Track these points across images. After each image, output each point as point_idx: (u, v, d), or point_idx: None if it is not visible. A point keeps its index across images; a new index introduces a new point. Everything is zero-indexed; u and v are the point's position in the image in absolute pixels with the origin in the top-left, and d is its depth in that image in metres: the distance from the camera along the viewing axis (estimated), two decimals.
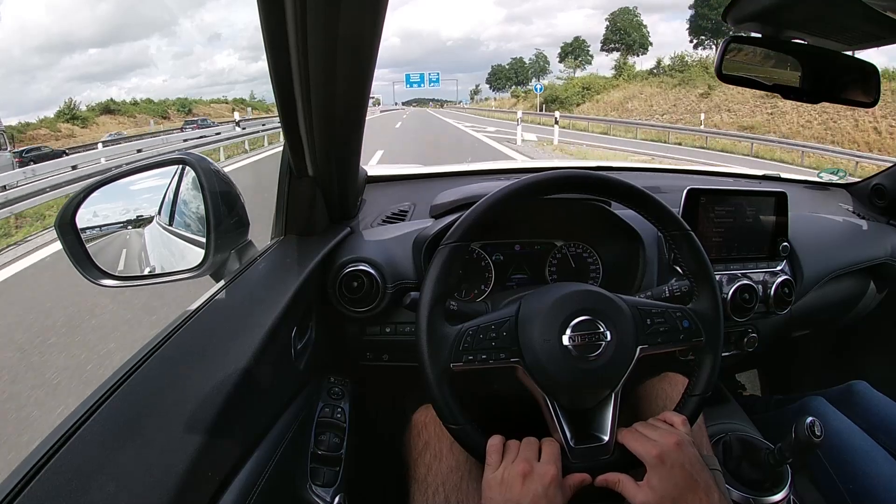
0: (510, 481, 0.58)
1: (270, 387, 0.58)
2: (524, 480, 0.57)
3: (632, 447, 0.60)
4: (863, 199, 1.32)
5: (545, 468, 0.58)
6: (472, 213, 0.64)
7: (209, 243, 0.66)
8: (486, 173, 1.25)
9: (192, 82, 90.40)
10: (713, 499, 0.55)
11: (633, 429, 0.63)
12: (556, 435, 0.62)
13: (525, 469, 0.57)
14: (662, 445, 0.58)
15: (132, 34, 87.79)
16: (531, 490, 0.56)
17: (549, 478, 0.57)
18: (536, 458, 0.60)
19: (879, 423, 0.89)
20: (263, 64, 0.56)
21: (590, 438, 0.62)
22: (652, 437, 0.60)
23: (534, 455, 0.60)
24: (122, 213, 0.72)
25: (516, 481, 0.57)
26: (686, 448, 0.58)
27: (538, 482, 0.57)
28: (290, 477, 0.61)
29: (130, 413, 0.44)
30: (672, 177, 1.36)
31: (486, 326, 0.62)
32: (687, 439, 0.60)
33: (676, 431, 0.60)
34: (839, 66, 0.79)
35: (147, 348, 0.51)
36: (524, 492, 0.56)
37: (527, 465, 0.58)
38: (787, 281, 0.95)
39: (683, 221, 0.68)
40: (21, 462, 0.38)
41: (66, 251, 0.64)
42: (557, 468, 0.59)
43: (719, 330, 0.66)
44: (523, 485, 0.57)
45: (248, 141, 12.70)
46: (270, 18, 0.49)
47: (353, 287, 0.77)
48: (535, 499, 0.56)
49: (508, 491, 0.57)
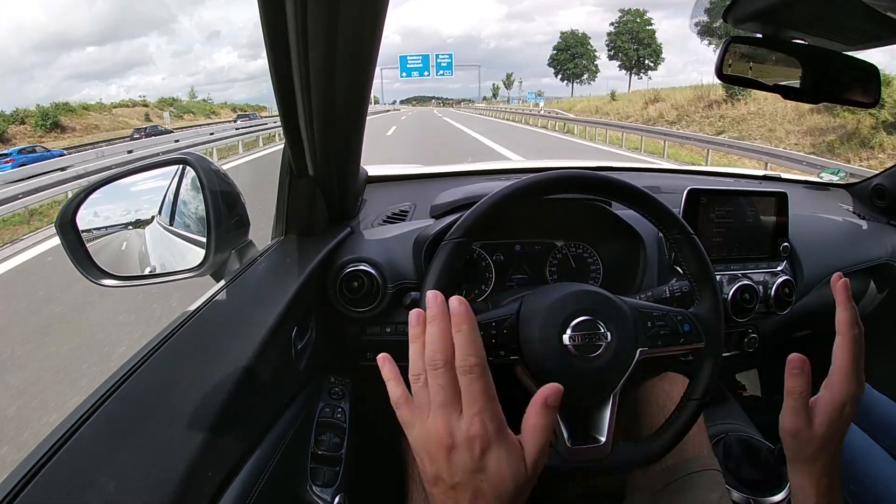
0: (434, 454, 0.41)
1: (271, 387, 0.58)
2: (449, 453, 0.41)
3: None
4: (863, 200, 1.32)
5: (469, 426, 0.40)
6: (476, 210, 0.64)
7: (209, 243, 0.66)
8: (487, 173, 1.25)
9: (190, 80, 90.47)
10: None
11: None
12: (554, 436, 0.62)
13: (445, 437, 0.41)
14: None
15: (130, 32, 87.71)
16: (458, 465, 0.40)
17: (479, 444, 0.40)
18: (457, 406, 0.41)
19: (880, 423, 0.89)
20: (263, 62, 0.56)
21: (587, 439, 0.62)
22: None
23: (452, 401, 0.41)
24: (122, 213, 0.73)
25: (440, 454, 0.41)
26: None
27: (465, 450, 0.40)
28: (290, 477, 0.61)
29: (130, 413, 0.44)
30: (672, 177, 1.36)
31: (486, 324, 0.61)
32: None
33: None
34: (840, 67, 0.79)
35: (147, 348, 0.51)
36: (453, 470, 0.41)
37: (444, 429, 0.41)
38: (787, 281, 0.95)
39: (686, 224, 0.68)
40: (21, 462, 0.38)
41: (66, 251, 0.64)
42: (489, 419, 0.40)
43: (720, 334, 0.66)
44: (448, 459, 0.41)
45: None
46: (270, 17, 0.49)
47: (353, 287, 0.77)
48: (465, 477, 0.40)
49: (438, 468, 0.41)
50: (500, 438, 0.41)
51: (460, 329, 0.42)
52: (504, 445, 0.41)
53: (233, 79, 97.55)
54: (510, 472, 0.41)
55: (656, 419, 0.79)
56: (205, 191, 0.66)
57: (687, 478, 0.72)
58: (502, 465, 0.40)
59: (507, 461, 0.41)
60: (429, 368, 0.43)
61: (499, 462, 0.40)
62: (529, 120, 23.05)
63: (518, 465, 0.41)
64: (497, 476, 0.40)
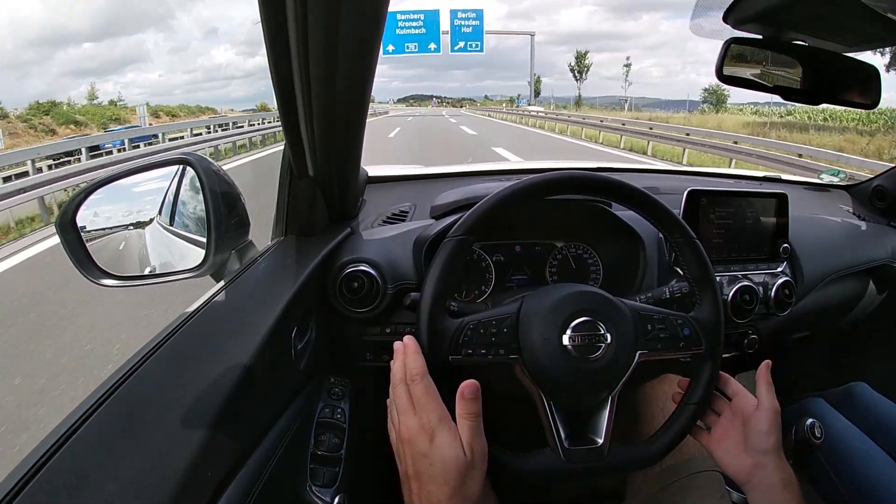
0: (402, 451, 0.52)
1: (270, 387, 0.58)
2: (409, 446, 0.51)
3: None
4: (863, 201, 1.32)
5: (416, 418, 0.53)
6: (480, 208, 0.64)
7: (209, 243, 0.66)
8: (487, 174, 1.25)
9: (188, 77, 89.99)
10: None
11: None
12: (550, 436, 0.62)
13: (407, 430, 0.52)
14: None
15: (127, 28, 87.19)
16: (414, 453, 0.51)
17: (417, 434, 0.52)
18: (409, 403, 0.54)
19: (879, 424, 0.89)
20: (261, 59, 0.56)
21: (584, 440, 0.62)
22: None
23: (404, 400, 0.54)
24: (122, 213, 0.73)
25: (404, 449, 0.52)
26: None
27: (417, 440, 0.51)
28: (289, 477, 0.61)
29: (130, 413, 0.44)
30: (672, 178, 1.36)
31: (486, 321, 0.62)
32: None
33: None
34: (840, 68, 0.79)
35: (147, 348, 0.51)
36: (412, 460, 0.51)
37: (404, 427, 0.52)
38: (787, 282, 0.95)
39: (688, 228, 0.68)
40: (20, 462, 0.38)
41: (66, 250, 0.64)
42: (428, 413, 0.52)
43: (719, 340, 0.66)
44: (409, 451, 0.52)
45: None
46: (271, 17, 0.49)
47: (353, 287, 0.77)
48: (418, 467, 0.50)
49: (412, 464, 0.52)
50: (441, 427, 0.50)
51: (407, 354, 0.57)
52: (445, 433, 0.50)
53: (230, 76, 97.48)
54: (452, 455, 0.49)
55: (656, 420, 0.79)
56: (205, 191, 0.66)
57: (687, 479, 0.72)
58: (445, 450, 0.49)
59: (449, 446, 0.50)
60: (391, 387, 0.57)
61: (442, 448, 0.49)
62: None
63: (458, 449, 0.50)
64: (441, 459, 0.49)
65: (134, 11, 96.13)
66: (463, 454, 0.50)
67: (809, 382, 1.36)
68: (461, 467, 0.49)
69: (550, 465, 0.60)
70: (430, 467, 0.49)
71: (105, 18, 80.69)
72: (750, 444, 0.64)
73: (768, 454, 0.62)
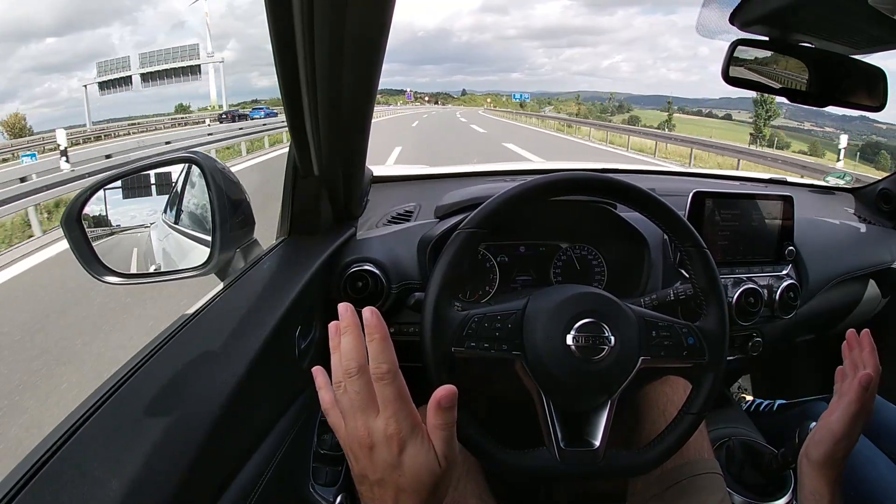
0: (357, 454, 0.44)
1: (273, 386, 0.58)
2: (370, 452, 0.43)
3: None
4: (869, 204, 1.31)
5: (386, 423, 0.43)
6: (492, 203, 0.64)
7: (214, 242, 0.66)
8: (492, 174, 1.25)
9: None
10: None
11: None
12: (547, 435, 0.61)
13: (363, 435, 0.43)
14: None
15: (92, 22, 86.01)
16: (379, 463, 0.43)
17: (396, 439, 0.43)
18: (374, 408, 0.44)
19: (882, 428, 0.89)
20: (229, 53, 0.55)
21: (581, 443, 0.62)
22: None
23: (369, 404, 0.44)
24: (128, 211, 0.73)
25: (362, 453, 0.44)
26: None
27: (384, 448, 0.43)
28: (292, 476, 0.61)
29: (133, 411, 0.44)
30: (677, 179, 1.36)
31: (492, 315, 0.62)
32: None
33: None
34: (846, 70, 0.78)
35: (151, 347, 0.52)
36: (374, 468, 0.44)
37: (364, 431, 0.43)
38: (792, 285, 0.95)
39: (699, 237, 0.67)
40: (22, 460, 0.38)
41: (71, 248, 0.64)
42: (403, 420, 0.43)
43: (723, 351, 0.66)
44: (370, 457, 0.44)
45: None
46: (278, 16, 0.49)
47: (357, 287, 0.77)
48: (386, 472, 0.43)
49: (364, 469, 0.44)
50: (414, 436, 0.43)
51: (372, 339, 0.44)
52: (418, 443, 0.44)
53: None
54: (425, 467, 0.43)
55: (658, 422, 0.79)
56: (210, 190, 0.66)
57: (688, 481, 0.72)
58: (418, 461, 0.43)
59: (422, 457, 0.43)
60: (344, 376, 0.45)
61: (414, 458, 0.43)
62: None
63: (432, 460, 0.44)
64: (413, 471, 0.43)
65: (99, 3, 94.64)
66: (437, 466, 0.44)
67: (813, 385, 1.35)
68: (435, 477, 0.44)
69: (545, 465, 0.60)
70: (399, 478, 0.43)
71: (68, 12, 79.47)
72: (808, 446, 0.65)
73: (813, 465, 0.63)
